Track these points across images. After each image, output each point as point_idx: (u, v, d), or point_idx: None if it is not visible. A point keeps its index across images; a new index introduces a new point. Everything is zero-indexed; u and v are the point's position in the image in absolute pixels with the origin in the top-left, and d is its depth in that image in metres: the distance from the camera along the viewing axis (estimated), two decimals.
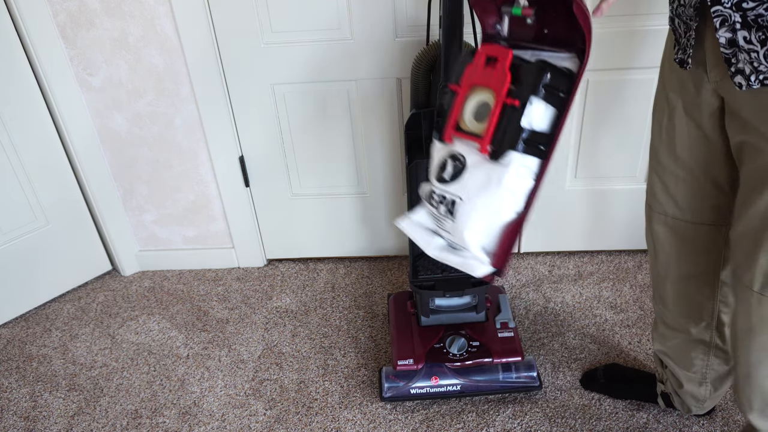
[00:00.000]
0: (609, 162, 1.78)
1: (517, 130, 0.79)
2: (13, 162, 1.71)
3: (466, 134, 0.86)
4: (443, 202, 0.87)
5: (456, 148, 0.87)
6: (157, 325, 1.82)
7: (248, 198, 1.90)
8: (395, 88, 1.67)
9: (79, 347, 1.76)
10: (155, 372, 1.66)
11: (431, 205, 0.91)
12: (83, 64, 1.66)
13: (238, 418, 1.50)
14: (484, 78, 0.83)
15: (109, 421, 1.52)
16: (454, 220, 0.86)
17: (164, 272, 2.04)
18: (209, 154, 1.80)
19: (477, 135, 0.84)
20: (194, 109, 1.72)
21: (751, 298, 0.94)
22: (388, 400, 1.49)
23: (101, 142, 1.80)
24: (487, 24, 0.89)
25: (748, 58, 0.78)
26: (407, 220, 0.96)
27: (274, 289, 1.93)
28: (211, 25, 1.58)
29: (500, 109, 0.80)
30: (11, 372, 1.69)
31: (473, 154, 0.85)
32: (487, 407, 1.47)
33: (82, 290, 1.99)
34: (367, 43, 1.59)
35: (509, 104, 0.80)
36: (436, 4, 1.26)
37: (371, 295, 1.87)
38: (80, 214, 1.91)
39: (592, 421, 1.43)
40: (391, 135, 1.76)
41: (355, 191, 1.89)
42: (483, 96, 0.84)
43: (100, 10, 1.57)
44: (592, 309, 1.74)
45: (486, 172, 0.83)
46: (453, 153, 0.87)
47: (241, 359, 1.67)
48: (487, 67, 0.83)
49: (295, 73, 1.66)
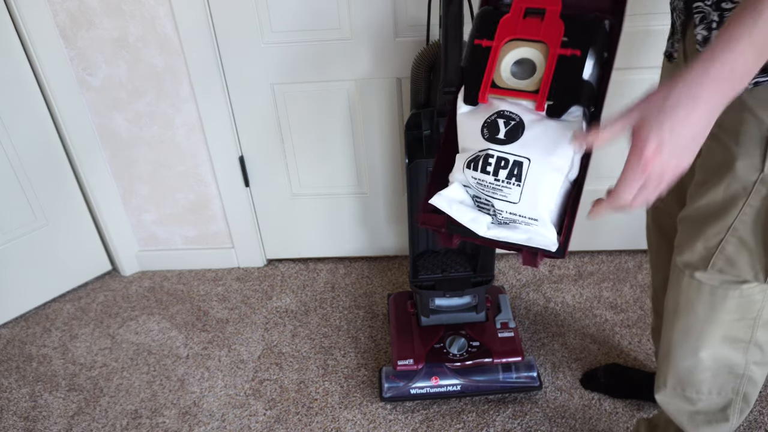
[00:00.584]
0: (608, 161, 1.78)
1: (578, 83, 0.71)
2: (12, 162, 1.71)
3: (509, 91, 0.74)
4: (505, 165, 0.72)
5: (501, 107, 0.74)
6: (157, 325, 1.82)
7: (248, 198, 1.90)
8: (395, 88, 1.67)
9: (79, 347, 1.76)
10: (155, 372, 1.66)
11: (483, 171, 0.74)
12: (83, 64, 1.66)
13: (238, 418, 1.50)
14: (526, 30, 0.73)
15: (109, 421, 1.52)
16: (522, 185, 0.72)
17: (164, 272, 2.04)
18: (209, 154, 1.80)
19: (527, 91, 0.73)
20: (194, 109, 1.72)
21: (682, 280, 0.96)
22: (388, 400, 1.49)
23: (101, 142, 1.80)
24: None
25: None
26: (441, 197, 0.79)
27: (274, 289, 1.93)
28: (211, 25, 1.58)
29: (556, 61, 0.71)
30: (11, 372, 1.69)
31: (524, 111, 0.73)
32: (487, 407, 1.47)
33: (82, 290, 1.99)
34: (367, 43, 1.59)
35: (569, 55, 0.71)
36: (436, 4, 1.26)
37: (371, 295, 1.87)
38: (80, 215, 1.91)
39: (592, 421, 1.43)
40: (391, 135, 1.75)
41: (355, 191, 1.88)
42: (522, 51, 0.74)
43: (100, 10, 1.57)
44: (592, 309, 1.74)
45: (549, 127, 0.72)
46: (498, 110, 0.74)
47: (241, 359, 1.67)
48: (528, 19, 0.73)
49: (295, 73, 1.66)
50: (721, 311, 0.94)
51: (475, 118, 0.76)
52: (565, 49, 0.71)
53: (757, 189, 0.83)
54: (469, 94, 0.76)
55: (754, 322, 0.96)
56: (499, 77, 0.75)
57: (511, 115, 0.73)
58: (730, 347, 0.99)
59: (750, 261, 0.88)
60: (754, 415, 1.41)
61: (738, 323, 0.96)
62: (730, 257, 0.89)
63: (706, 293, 0.94)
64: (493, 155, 0.73)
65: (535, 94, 0.72)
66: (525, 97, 0.73)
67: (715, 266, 0.91)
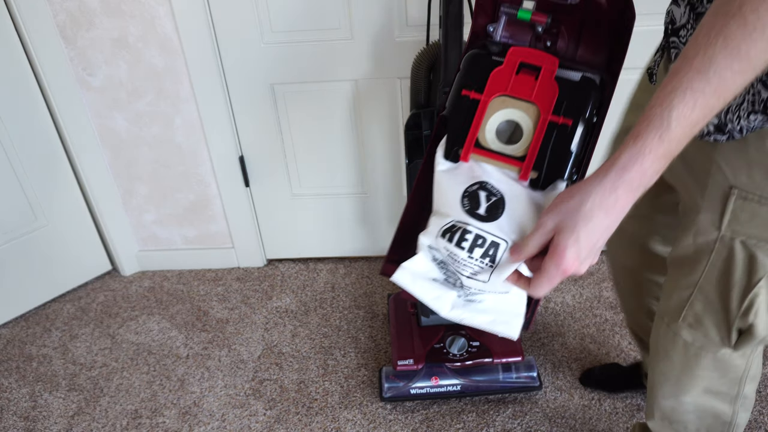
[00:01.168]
0: None
1: (566, 154, 0.66)
2: (13, 162, 1.71)
3: (494, 154, 0.68)
4: (482, 244, 0.68)
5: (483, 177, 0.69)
6: (157, 325, 1.82)
7: (248, 198, 1.90)
8: (395, 88, 1.67)
9: (79, 347, 1.76)
10: (155, 372, 1.66)
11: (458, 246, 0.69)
12: (83, 64, 1.66)
13: (238, 418, 1.50)
14: (519, 88, 0.67)
15: (109, 421, 1.52)
16: (494, 266, 0.68)
17: (164, 272, 2.04)
18: (209, 154, 1.80)
19: (512, 157, 0.68)
20: (194, 109, 1.72)
21: (660, 326, 0.96)
22: (388, 400, 1.49)
23: (101, 142, 1.80)
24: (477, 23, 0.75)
25: None
26: (405, 271, 0.73)
27: (274, 289, 1.93)
28: (211, 25, 1.58)
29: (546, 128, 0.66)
30: (11, 372, 1.69)
31: (507, 183, 0.68)
32: (487, 407, 1.47)
33: (82, 290, 1.99)
34: (367, 43, 1.59)
35: (560, 123, 0.66)
36: (436, 4, 1.26)
37: (371, 295, 1.87)
38: (80, 215, 1.91)
39: (592, 421, 1.43)
40: (391, 135, 1.75)
41: (355, 191, 1.89)
42: (511, 112, 0.69)
43: (100, 10, 1.57)
44: (592, 309, 1.74)
45: (530, 204, 0.67)
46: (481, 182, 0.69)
47: (241, 359, 1.67)
48: (522, 75, 0.68)
49: (295, 73, 1.66)
50: (696, 368, 0.92)
51: (456, 180, 0.70)
52: (557, 117, 0.66)
53: (717, 249, 0.80)
54: (451, 150, 0.70)
55: (740, 380, 0.94)
56: (483, 136, 0.69)
57: (493, 190, 0.68)
58: (714, 399, 0.97)
59: (716, 322, 0.86)
60: (754, 415, 1.41)
61: (720, 380, 0.94)
62: (698, 315, 0.87)
63: (680, 346, 0.92)
64: (471, 231, 0.68)
65: (520, 161, 0.67)
66: (509, 164, 0.68)
67: (686, 320, 0.89)
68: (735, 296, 0.82)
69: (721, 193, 0.77)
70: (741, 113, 0.69)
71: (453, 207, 0.70)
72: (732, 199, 0.76)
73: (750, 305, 0.81)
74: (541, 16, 0.68)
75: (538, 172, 0.67)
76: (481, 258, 0.68)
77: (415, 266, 0.73)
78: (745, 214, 0.76)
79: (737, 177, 0.74)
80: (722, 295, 0.83)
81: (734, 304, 0.82)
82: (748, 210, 0.75)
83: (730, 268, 0.80)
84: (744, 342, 0.86)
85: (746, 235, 0.77)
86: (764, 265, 0.78)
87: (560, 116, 0.65)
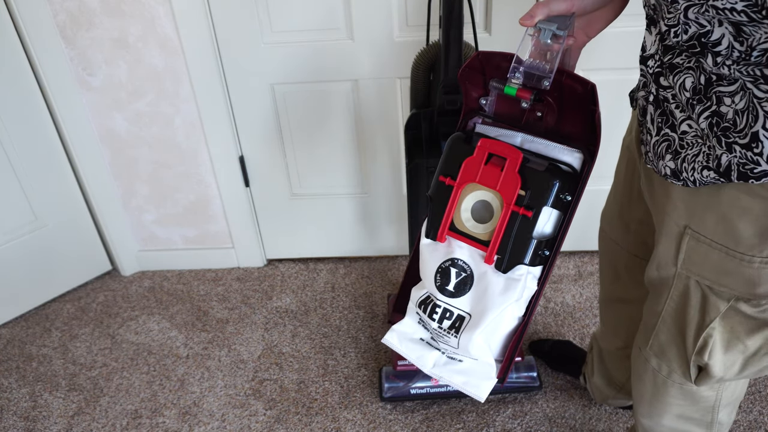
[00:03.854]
0: (607, 161, 1.78)
1: (527, 241, 0.72)
2: (13, 162, 1.71)
3: (465, 238, 0.76)
4: (449, 317, 0.77)
5: (456, 253, 0.77)
6: (157, 325, 1.82)
7: (248, 198, 1.90)
8: (395, 88, 1.67)
9: (79, 347, 1.76)
10: (155, 372, 1.66)
11: (430, 317, 0.79)
12: (83, 64, 1.66)
13: (238, 418, 1.50)
14: (486, 178, 0.73)
15: (109, 421, 1.52)
16: (459, 338, 0.77)
17: (164, 272, 2.04)
18: (209, 154, 1.80)
19: (480, 241, 0.75)
20: (194, 109, 1.72)
21: (635, 349, 0.97)
22: (388, 400, 1.49)
23: (101, 142, 1.80)
24: (470, 97, 0.80)
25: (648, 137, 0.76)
26: (394, 333, 0.84)
27: (274, 289, 1.93)
28: (211, 25, 1.58)
29: (509, 217, 0.72)
30: (11, 372, 1.69)
31: (476, 261, 0.76)
32: (487, 407, 1.47)
33: (82, 290, 1.99)
34: (367, 43, 1.59)
35: (521, 214, 0.71)
36: (436, 4, 1.26)
37: (371, 295, 1.87)
38: (80, 215, 1.91)
39: (592, 421, 1.43)
40: (391, 135, 1.76)
41: (355, 191, 1.89)
42: (482, 194, 0.75)
43: (100, 10, 1.57)
44: (592, 309, 1.74)
45: (494, 284, 0.75)
46: (453, 258, 0.77)
47: (241, 359, 1.67)
48: (490, 165, 0.73)
49: (295, 73, 1.66)
50: (666, 395, 0.93)
51: (434, 255, 0.79)
52: (518, 207, 0.71)
53: (675, 284, 0.81)
54: (431, 230, 0.79)
55: (712, 409, 0.94)
56: (458, 218, 0.77)
57: (464, 267, 0.76)
58: (688, 424, 0.97)
59: (677, 356, 0.86)
60: (754, 415, 1.41)
61: (691, 407, 0.94)
62: (662, 346, 0.88)
63: (650, 372, 0.93)
64: (440, 305, 0.78)
65: (486, 245, 0.74)
66: (477, 247, 0.75)
67: (652, 348, 0.90)
68: (690, 333, 0.82)
69: (677, 231, 0.77)
70: (696, 166, 0.68)
71: (428, 279, 0.79)
72: (686, 239, 0.76)
73: (704, 344, 0.81)
74: (525, 92, 0.72)
75: (501, 256, 0.73)
76: (448, 329, 0.78)
77: (404, 328, 0.84)
78: (697, 255, 0.76)
79: (691, 218, 0.74)
80: (680, 330, 0.83)
81: (690, 340, 0.83)
82: (701, 252, 0.75)
83: (686, 304, 0.81)
84: (703, 380, 0.86)
85: (700, 276, 0.77)
86: (717, 307, 0.78)
87: (521, 207, 0.71)
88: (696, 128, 0.68)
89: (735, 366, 0.82)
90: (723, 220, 0.71)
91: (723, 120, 0.63)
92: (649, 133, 0.75)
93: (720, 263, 0.74)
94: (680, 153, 0.70)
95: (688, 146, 0.69)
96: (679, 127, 0.70)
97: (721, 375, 0.83)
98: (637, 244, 1.03)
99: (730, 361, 0.82)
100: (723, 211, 0.70)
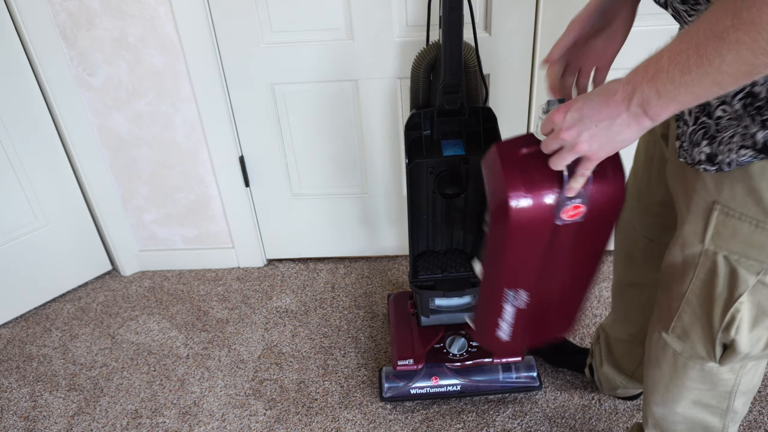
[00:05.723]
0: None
1: None
2: (13, 162, 1.71)
3: None
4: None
5: None
6: (157, 325, 1.82)
7: (248, 198, 1.90)
8: (395, 88, 1.67)
9: (79, 347, 1.76)
10: (155, 372, 1.66)
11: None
12: (83, 65, 1.66)
13: (238, 418, 1.50)
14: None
15: (109, 421, 1.52)
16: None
17: (164, 272, 2.04)
18: (209, 154, 1.80)
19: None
20: (194, 109, 1.72)
21: (653, 334, 0.97)
22: (388, 400, 1.49)
23: (101, 142, 1.80)
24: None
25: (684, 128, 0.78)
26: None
27: (274, 289, 1.93)
28: (211, 25, 1.58)
29: None
30: (11, 372, 1.69)
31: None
32: (487, 407, 1.47)
33: (82, 290, 1.99)
34: (367, 43, 1.59)
35: None
36: (436, 4, 1.26)
37: (371, 295, 1.87)
38: (80, 214, 1.91)
39: (592, 421, 1.43)
40: (391, 135, 1.75)
41: (355, 191, 1.88)
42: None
43: (100, 10, 1.57)
44: (592, 309, 1.74)
45: None
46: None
47: (241, 359, 1.67)
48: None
49: (295, 73, 1.66)
50: (685, 379, 0.93)
51: None
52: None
53: (702, 262, 0.81)
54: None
55: (729, 395, 0.94)
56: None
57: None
58: (703, 411, 0.98)
59: (701, 336, 0.86)
60: (754, 415, 1.41)
61: (709, 393, 0.94)
62: (685, 327, 0.88)
63: (670, 356, 0.93)
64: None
65: None
66: None
67: (675, 331, 0.90)
68: (717, 310, 0.82)
69: (705, 207, 0.78)
70: (732, 146, 0.70)
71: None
72: (714, 214, 0.77)
73: (731, 320, 0.82)
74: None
75: None
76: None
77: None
78: (726, 229, 0.77)
79: (720, 192, 0.75)
80: (706, 309, 0.84)
81: (717, 318, 0.83)
82: (730, 226, 0.76)
83: (713, 281, 0.81)
84: (728, 357, 0.86)
85: (728, 250, 0.78)
86: (745, 281, 0.78)
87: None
88: (730, 111, 0.70)
89: (761, 342, 0.84)
90: (753, 192, 0.72)
91: (756, 99, 0.66)
92: (686, 124, 0.77)
93: (749, 236, 0.75)
94: (716, 137, 0.72)
95: (723, 130, 0.71)
96: (714, 113, 0.72)
97: (747, 351, 0.84)
98: (654, 228, 1.05)
99: (756, 337, 0.83)
100: (753, 184, 0.72)
